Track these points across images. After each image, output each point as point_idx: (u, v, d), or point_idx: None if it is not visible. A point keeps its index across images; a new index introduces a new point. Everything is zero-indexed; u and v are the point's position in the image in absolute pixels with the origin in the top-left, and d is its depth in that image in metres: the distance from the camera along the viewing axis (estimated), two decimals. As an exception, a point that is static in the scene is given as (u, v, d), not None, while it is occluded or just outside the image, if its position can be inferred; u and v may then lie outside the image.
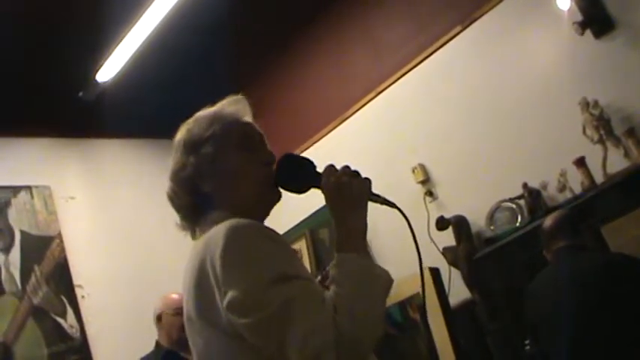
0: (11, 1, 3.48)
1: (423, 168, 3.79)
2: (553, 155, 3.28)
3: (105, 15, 3.52)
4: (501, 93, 3.53)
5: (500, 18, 3.52)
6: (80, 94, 4.05)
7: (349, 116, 4.21)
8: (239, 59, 4.65)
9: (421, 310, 3.30)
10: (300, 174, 1.42)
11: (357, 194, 1.35)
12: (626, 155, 3.05)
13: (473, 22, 3.63)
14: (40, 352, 3.76)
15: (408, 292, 3.30)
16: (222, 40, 4.38)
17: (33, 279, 3.92)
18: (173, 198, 1.47)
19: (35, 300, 3.87)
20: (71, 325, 3.92)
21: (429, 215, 3.59)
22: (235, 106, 1.51)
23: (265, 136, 1.51)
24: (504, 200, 3.39)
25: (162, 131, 4.36)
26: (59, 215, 4.18)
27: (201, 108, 1.56)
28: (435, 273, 3.31)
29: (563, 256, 2.72)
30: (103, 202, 4.45)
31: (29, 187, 4.14)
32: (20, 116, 4.10)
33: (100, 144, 4.63)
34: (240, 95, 1.53)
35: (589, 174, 3.10)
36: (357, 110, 4.17)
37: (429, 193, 3.75)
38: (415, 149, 3.84)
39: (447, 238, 3.47)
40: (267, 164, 1.45)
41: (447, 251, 3.47)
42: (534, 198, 3.27)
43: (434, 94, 3.81)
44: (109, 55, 3.79)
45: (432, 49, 3.79)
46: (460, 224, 3.45)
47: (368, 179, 1.38)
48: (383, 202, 1.40)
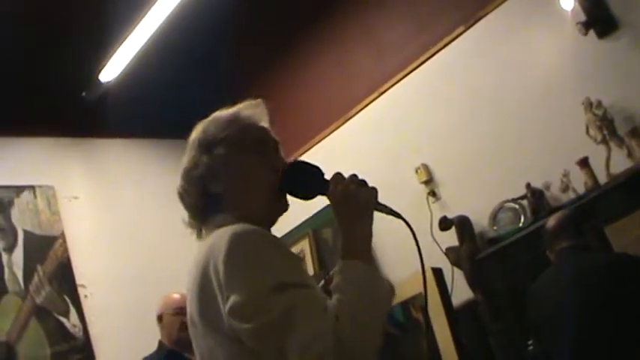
0: (17, 2, 3.49)
1: (426, 168, 3.79)
2: (556, 155, 3.28)
3: (108, 14, 3.53)
4: (504, 93, 3.53)
5: (504, 18, 3.52)
6: (83, 93, 4.06)
7: (352, 116, 4.21)
8: (242, 59, 4.66)
9: (424, 310, 3.30)
10: (309, 181, 1.42)
11: (363, 203, 1.36)
12: (630, 155, 3.04)
13: (476, 22, 3.62)
14: (43, 352, 3.76)
15: (410, 292, 3.30)
16: (226, 40, 4.39)
17: (36, 279, 3.92)
18: (183, 196, 1.47)
19: (38, 299, 3.87)
20: (74, 325, 3.92)
21: (432, 215, 3.60)
22: (253, 110, 1.51)
23: (280, 143, 1.50)
24: (507, 200, 3.38)
25: (165, 131, 4.47)
26: (62, 215, 4.18)
27: (205, 107, 1.56)
28: (438, 273, 3.32)
29: (566, 257, 2.72)
30: (106, 202, 4.45)
31: (32, 187, 4.14)
32: (23, 116, 4.10)
33: (104, 144, 4.62)
34: (259, 99, 1.52)
35: (592, 174, 3.10)
36: (360, 110, 4.16)
37: (432, 193, 3.75)
38: (418, 149, 3.84)
39: (450, 238, 3.46)
40: (277, 171, 1.44)
41: (449, 251, 3.47)
42: (537, 198, 3.27)
43: (437, 93, 3.80)
44: (112, 55, 3.79)
45: (435, 48, 3.79)
46: (463, 224, 3.45)
47: (375, 189, 1.39)
48: (389, 212, 1.41)
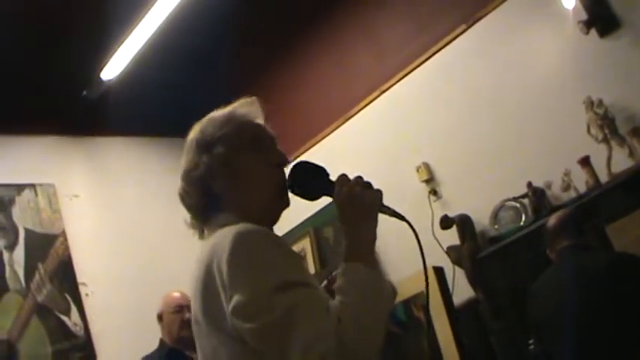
0: (17, 2, 3.49)
1: (427, 167, 3.79)
2: (557, 154, 3.27)
3: (109, 14, 3.54)
4: (505, 92, 3.52)
5: (505, 17, 3.52)
6: (84, 92, 4.06)
7: (352, 116, 4.20)
8: (242, 59, 4.66)
9: (425, 309, 3.30)
10: (314, 181, 1.42)
11: (368, 205, 1.36)
12: (631, 154, 3.04)
13: (477, 21, 3.62)
14: (44, 350, 3.77)
15: (412, 290, 3.30)
16: (226, 40, 4.39)
17: (37, 277, 3.92)
18: (184, 197, 1.47)
19: (39, 298, 3.88)
20: (75, 323, 3.92)
21: (433, 214, 3.59)
22: (248, 108, 1.51)
23: (277, 138, 1.50)
24: (508, 199, 3.38)
25: (166, 129, 4.47)
26: (63, 213, 4.19)
27: (205, 107, 1.57)
28: (439, 272, 3.31)
29: (567, 256, 2.72)
30: (107, 201, 4.45)
31: (33, 185, 4.14)
32: (25, 115, 4.10)
33: (105, 142, 4.63)
34: (254, 97, 1.53)
35: (593, 173, 3.09)
36: (361, 110, 4.16)
37: (433, 192, 3.75)
38: (419, 148, 3.84)
39: (451, 237, 3.46)
40: (277, 165, 1.45)
41: (451, 250, 3.47)
42: (538, 197, 3.27)
43: (438, 93, 3.80)
44: (113, 54, 3.80)
45: (435, 48, 3.79)
46: (464, 223, 3.45)
47: (380, 191, 1.39)
48: (393, 215, 1.41)
